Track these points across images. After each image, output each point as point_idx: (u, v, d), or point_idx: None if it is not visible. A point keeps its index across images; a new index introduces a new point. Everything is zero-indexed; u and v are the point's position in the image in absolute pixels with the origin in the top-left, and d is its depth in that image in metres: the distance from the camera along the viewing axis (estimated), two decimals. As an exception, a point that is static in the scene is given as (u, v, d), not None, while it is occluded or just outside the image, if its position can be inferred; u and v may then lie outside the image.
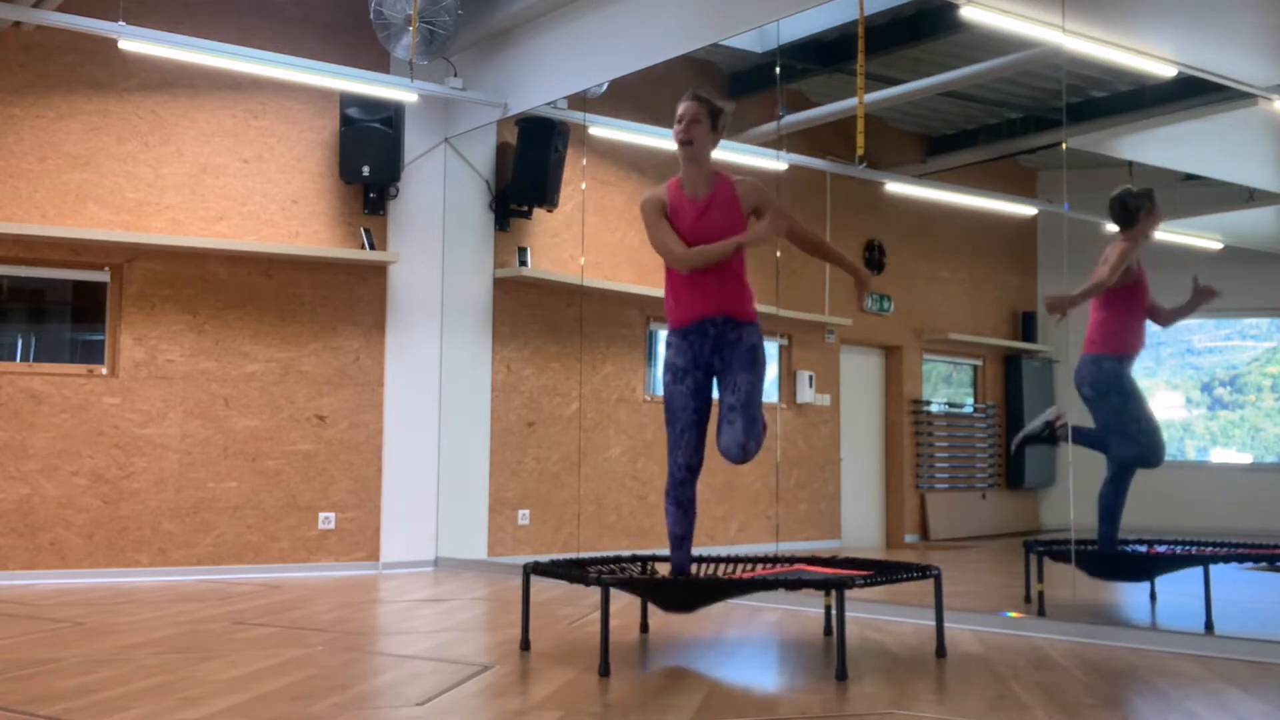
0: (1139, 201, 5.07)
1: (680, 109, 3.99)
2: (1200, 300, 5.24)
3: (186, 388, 6.50)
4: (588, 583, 3.74)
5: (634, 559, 4.36)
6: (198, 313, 6.55)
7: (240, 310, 6.66)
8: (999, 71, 6.82)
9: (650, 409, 7.95)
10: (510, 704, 3.12)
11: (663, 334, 8.24)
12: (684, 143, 3.96)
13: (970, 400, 8.79)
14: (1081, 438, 5.14)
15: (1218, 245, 6.88)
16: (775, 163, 7.05)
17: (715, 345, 3.95)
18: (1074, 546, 4.91)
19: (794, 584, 3.71)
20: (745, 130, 7.35)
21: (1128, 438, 5.06)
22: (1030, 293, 8.57)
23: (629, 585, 3.86)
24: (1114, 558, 5.06)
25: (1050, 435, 5.10)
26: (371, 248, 6.94)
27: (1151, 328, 5.25)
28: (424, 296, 7.17)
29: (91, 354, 6.42)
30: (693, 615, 4.89)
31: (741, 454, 3.87)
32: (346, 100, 6.79)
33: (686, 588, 3.85)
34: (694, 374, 3.96)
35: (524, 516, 7.40)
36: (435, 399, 7.17)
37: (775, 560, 4.34)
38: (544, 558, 4.49)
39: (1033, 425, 5.19)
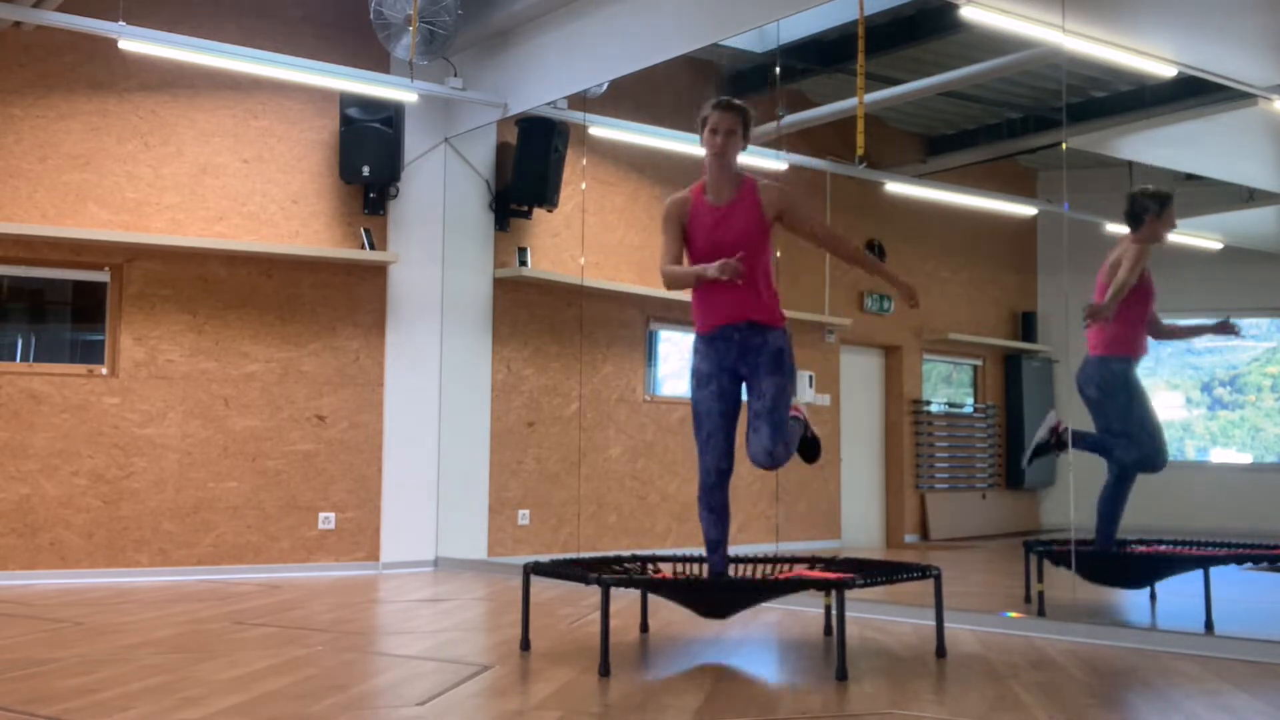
0: (1145, 204, 5.05)
1: (712, 119, 3.95)
2: (1219, 332, 5.26)
3: (186, 388, 6.50)
4: (588, 583, 3.74)
5: (634, 559, 4.36)
6: (198, 313, 6.55)
7: (240, 310, 6.66)
8: (999, 71, 6.81)
9: (650, 409, 7.95)
10: (510, 704, 3.12)
11: (663, 334, 8.27)
12: (718, 155, 3.95)
13: (970, 400, 8.78)
14: (1082, 443, 5.13)
15: (1218, 245, 6.88)
16: (775, 163, 7.05)
17: (740, 351, 3.96)
18: (1074, 548, 4.91)
19: (793, 584, 3.71)
20: (745, 130, 7.34)
21: (1131, 441, 5.05)
22: (1030, 293, 8.56)
23: (645, 586, 3.85)
24: (1113, 559, 5.05)
25: (1058, 443, 5.07)
26: (371, 248, 6.94)
27: None
28: (424, 296, 7.17)
29: (91, 354, 6.42)
30: (693, 615, 4.90)
31: (769, 460, 3.92)
32: (346, 100, 6.79)
33: (688, 588, 3.85)
34: (718, 378, 3.97)
35: (524, 516, 7.40)
36: (435, 399, 7.17)
37: (778, 561, 4.33)
38: (544, 558, 4.48)
39: (1038, 436, 5.17)
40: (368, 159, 6.78)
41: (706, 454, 3.98)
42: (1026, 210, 8.50)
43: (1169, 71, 5.87)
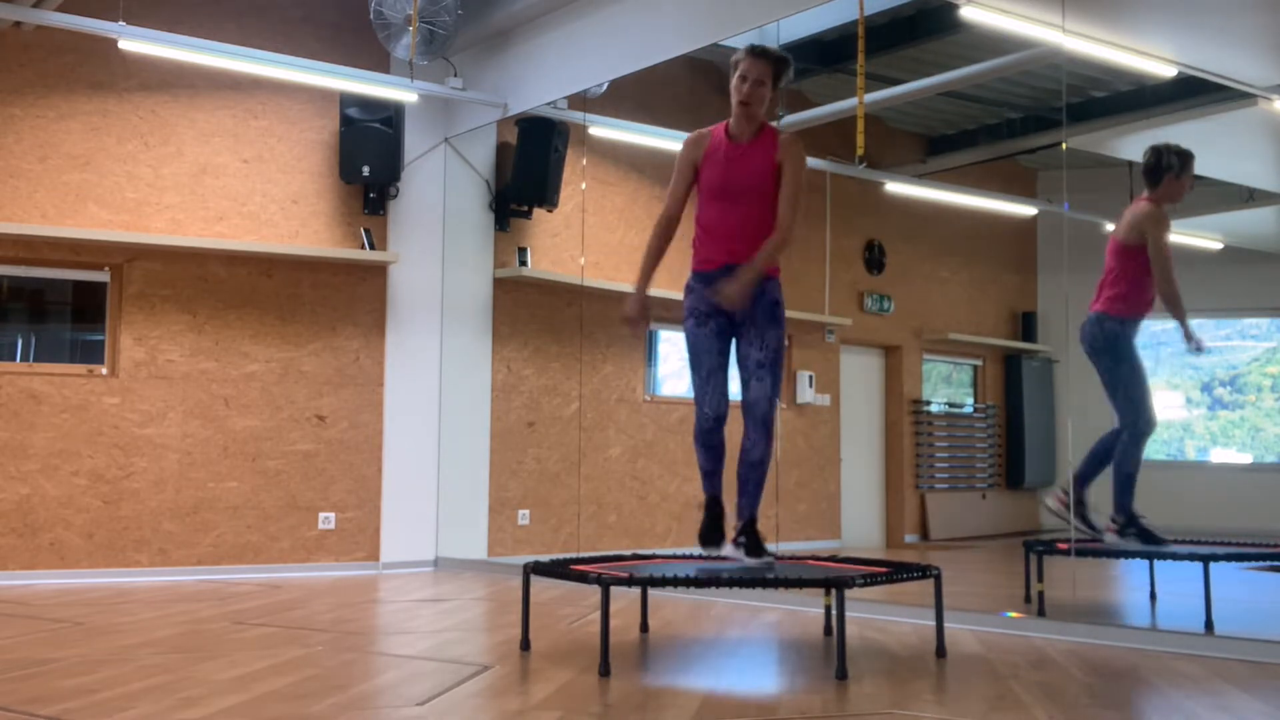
0: (1170, 160, 4.93)
1: (743, 65, 3.89)
2: (1187, 340, 5.15)
3: (186, 388, 6.50)
4: (588, 581, 3.74)
5: (634, 558, 4.36)
6: (198, 313, 6.55)
7: (240, 310, 6.66)
8: (999, 71, 6.81)
9: (650, 409, 7.95)
10: (510, 704, 3.12)
11: (663, 334, 8.26)
12: (744, 104, 3.89)
13: (970, 400, 8.78)
14: (1083, 471, 5.11)
15: (1218, 245, 6.88)
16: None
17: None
18: (1074, 546, 4.91)
19: (793, 582, 3.71)
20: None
21: (1126, 403, 5.00)
22: (1030, 293, 8.57)
23: (632, 584, 3.85)
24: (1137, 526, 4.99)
25: (1072, 510, 4.99)
26: (371, 248, 6.94)
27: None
28: (424, 296, 7.17)
29: (91, 354, 6.42)
30: (693, 615, 4.90)
31: (769, 409, 3.87)
32: (346, 100, 6.79)
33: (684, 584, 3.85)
34: (717, 318, 3.91)
35: (524, 516, 7.40)
36: (435, 399, 7.17)
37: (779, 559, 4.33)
38: (544, 558, 4.48)
39: (1055, 513, 5.12)
40: (368, 159, 6.78)
41: (707, 394, 3.91)
42: (1026, 210, 8.50)
43: (1169, 71, 5.87)
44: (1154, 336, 5.48)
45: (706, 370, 3.92)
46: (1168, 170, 4.95)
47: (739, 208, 3.91)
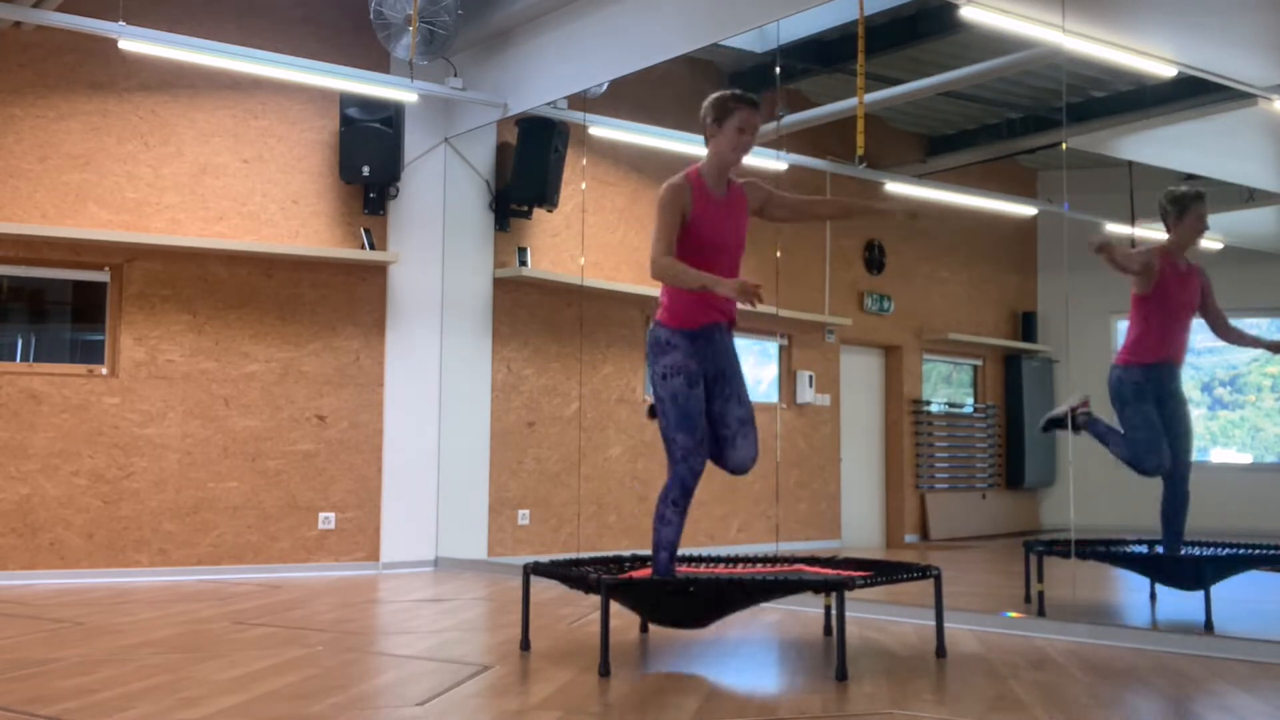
0: (1164, 209, 5.04)
1: (746, 117, 3.90)
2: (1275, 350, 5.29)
3: (186, 388, 6.50)
4: (587, 589, 3.74)
5: (634, 559, 4.36)
6: (198, 313, 6.55)
7: (240, 310, 6.66)
8: (999, 71, 6.81)
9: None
10: (510, 704, 3.12)
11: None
12: (742, 155, 3.93)
13: (970, 400, 8.78)
14: (1092, 428, 5.13)
15: (1218, 245, 6.87)
16: (775, 163, 7.04)
17: (719, 350, 3.90)
18: (1074, 547, 4.91)
19: (794, 586, 3.71)
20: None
21: (1125, 442, 5.05)
22: (1030, 293, 8.56)
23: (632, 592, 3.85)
24: (1174, 561, 5.01)
25: (1071, 423, 5.03)
26: (371, 248, 6.94)
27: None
28: (424, 296, 7.17)
29: (91, 354, 6.42)
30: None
31: (752, 466, 3.93)
32: (346, 100, 6.79)
33: (690, 597, 3.84)
34: (703, 379, 3.86)
35: (524, 516, 7.40)
36: (435, 399, 7.17)
37: (775, 560, 4.33)
38: (544, 558, 4.48)
39: (1058, 409, 5.17)
40: (368, 159, 6.78)
41: (696, 457, 3.81)
42: (1026, 210, 8.50)
43: (1169, 71, 5.87)
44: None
45: (700, 436, 3.83)
46: (1165, 218, 5.05)
47: (723, 263, 3.86)
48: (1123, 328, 5.30)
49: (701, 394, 3.85)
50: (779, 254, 7.06)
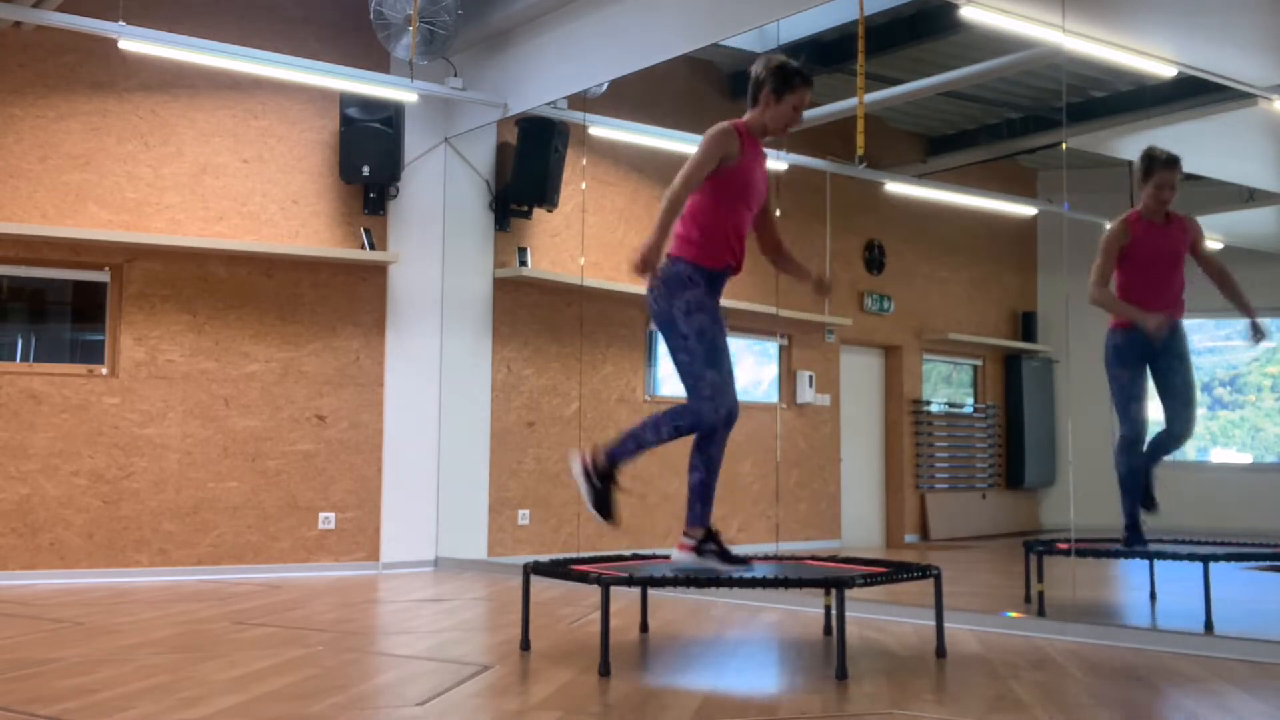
0: (1137, 164, 5.02)
1: (801, 96, 3.90)
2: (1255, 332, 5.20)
3: (186, 388, 6.50)
4: (589, 581, 3.74)
5: (634, 558, 4.36)
6: (198, 313, 6.55)
7: (240, 310, 6.66)
8: (999, 71, 6.81)
9: (650, 409, 7.94)
10: (510, 704, 3.12)
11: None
12: (784, 133, 3.95)
13: (970, 400, 8.78)
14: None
15: (1218, 245, 6.87)
16: (775, 162, 7.04)
17: (718, 296, 3.88)
18: (1074, 546, 4.91)
19: (794, 583, 3.70)
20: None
21: (1119, 412, 5.06)
22: (1030, 293, 8.56)
23: (632, 583, 3.85)
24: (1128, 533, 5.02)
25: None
26: (371, 248, 6.94)
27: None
28: (424, 296, 7.17)
29: (91, 354, 6.42)
30: (693, 615, 4.90)
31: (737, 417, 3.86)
32: (346, 100, 6.79)
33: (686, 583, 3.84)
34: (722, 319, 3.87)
35: (524, 516, 7.40)
36: (435, 399, 7.17)
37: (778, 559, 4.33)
38: (544, 558, 4.48)
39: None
40: (368, 159, 6.78)
41: (724, 396, 3.73)
42: (1026, 210, 8.50)
43: (1169, 71, 5.87)
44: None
45: (728, 368, 3.79)
46: (1139, 173, 5.02)
47: (749, 214, 3.93)
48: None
49: (723, 330, 3.81)
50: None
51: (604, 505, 3.86)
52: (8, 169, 6.18)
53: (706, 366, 3.74)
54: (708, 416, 3.75)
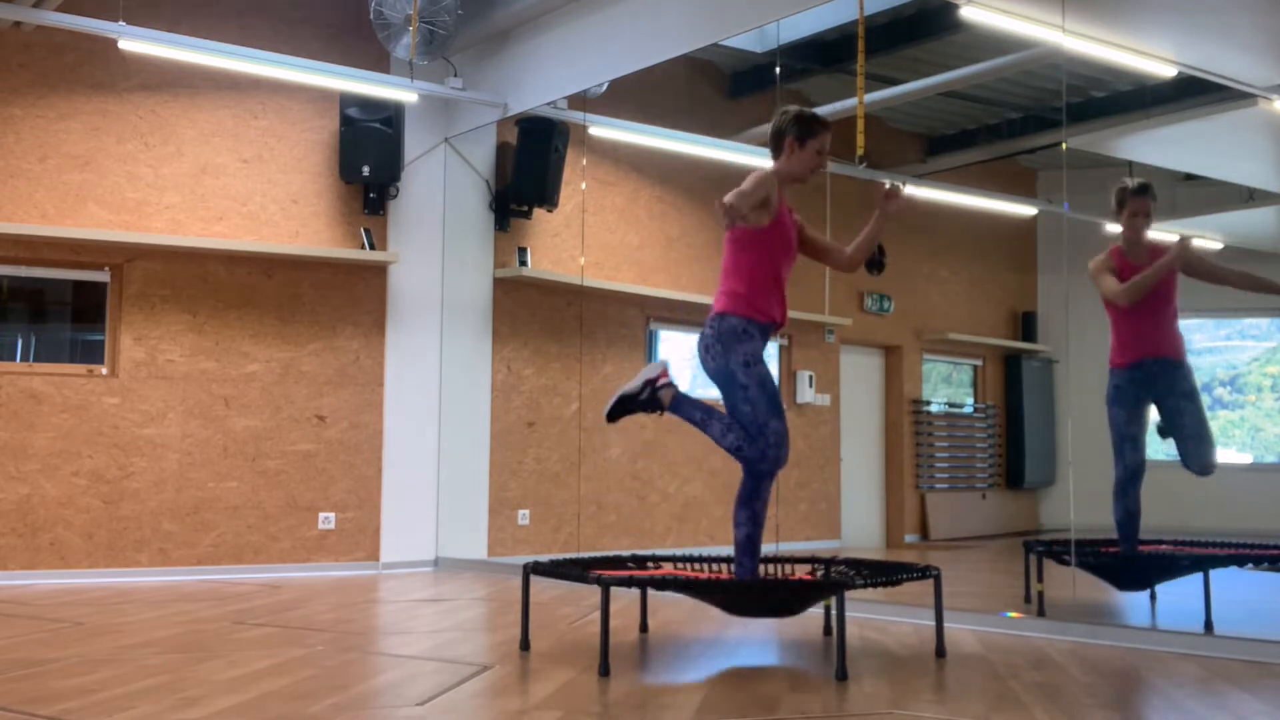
0: (1113, 200, 5.00)
1: (824, 141, 4.00)
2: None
3: (186, 388, 6.50)
4: (590, 582, 3.74)
5: (634, 558, 4.36)
6: (198, 313, 6.55)
7: (240, 310, 6.66)
8: (999, 71, 6.81)
9: (650, 409, 7.93)
10: (510, 704, 3.12)
11: (663, 334, 8.25)
12: (805, 180, 4.04)
13: (970, 400, 8.78)
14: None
15: (1218, 245, 6.88)
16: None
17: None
18: (1074, 547, 4.90)
19: (794, 587, 3.70)
20: (745, 130, 7.35)
21: (1115, 451, 5.04)
22: (1030, 293, 8.56)
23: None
24: (1125, 560, 5.01)
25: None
26: (371, 248, 6.94)
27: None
28: (424, 296, 7.17)
29: (91, 354, 6.42)
30: (693, 615, 4.90)
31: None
32: (346, 100, 6.79)
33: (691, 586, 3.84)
34: None
35: (524, 516, 7.40)
36: (435, 399, 7.17)
37: (778, 561, 4.33)
38: (544, 558, 4.48)
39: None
40: (368, 159, 6.78)
41: (787, 442, 3.92)
42: (1026, 210, 8.50)
43: (1169, 71, 5.87)
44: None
45: (781, 415, 3.94)
46: (1116, 205, 4.99)
47: (789, 266, 4.02)
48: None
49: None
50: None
51: (623, 411, 4.01)
52: (8, 169, 6.18)
53: (770, 416, 3.89)
54: (769, 464, 3.92)
